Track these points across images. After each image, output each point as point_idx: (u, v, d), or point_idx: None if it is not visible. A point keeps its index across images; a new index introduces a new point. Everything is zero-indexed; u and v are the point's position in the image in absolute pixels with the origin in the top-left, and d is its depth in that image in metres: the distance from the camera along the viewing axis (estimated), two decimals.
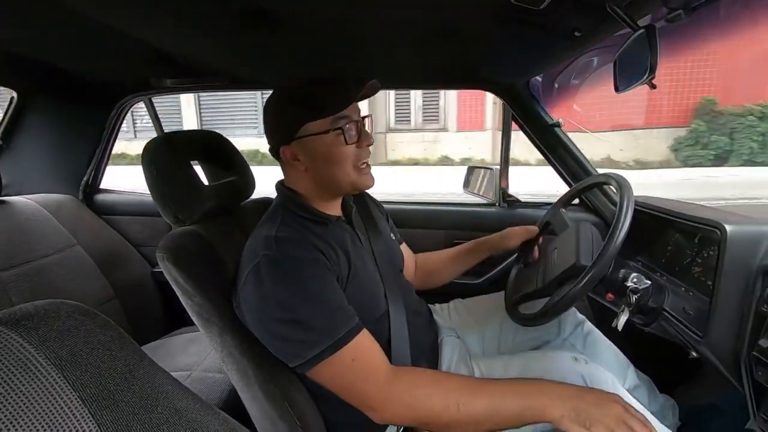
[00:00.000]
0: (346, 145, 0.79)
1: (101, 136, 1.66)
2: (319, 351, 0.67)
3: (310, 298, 0.70)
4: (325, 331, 0.68)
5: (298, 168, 0.83)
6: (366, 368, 0.70)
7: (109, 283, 1.45)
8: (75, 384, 0.34)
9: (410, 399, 0.69)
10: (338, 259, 0.78)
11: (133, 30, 0.92)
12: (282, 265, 0.71)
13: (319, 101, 0.79)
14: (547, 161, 1.46)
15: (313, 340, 0.68)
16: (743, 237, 0.80)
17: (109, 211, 1.70)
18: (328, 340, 0.68)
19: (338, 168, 0.81)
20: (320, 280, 0.72)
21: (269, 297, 0.69)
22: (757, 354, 0.75)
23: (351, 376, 0.70)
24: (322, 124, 0.78)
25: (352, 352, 0.69)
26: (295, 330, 0.69)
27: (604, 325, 1.17)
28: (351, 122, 0.80)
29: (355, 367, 0.69)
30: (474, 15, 0.83)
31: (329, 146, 0.79)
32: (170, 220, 0.89)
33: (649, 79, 0.75)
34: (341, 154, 0.80)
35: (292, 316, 0.69)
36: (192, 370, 1.23)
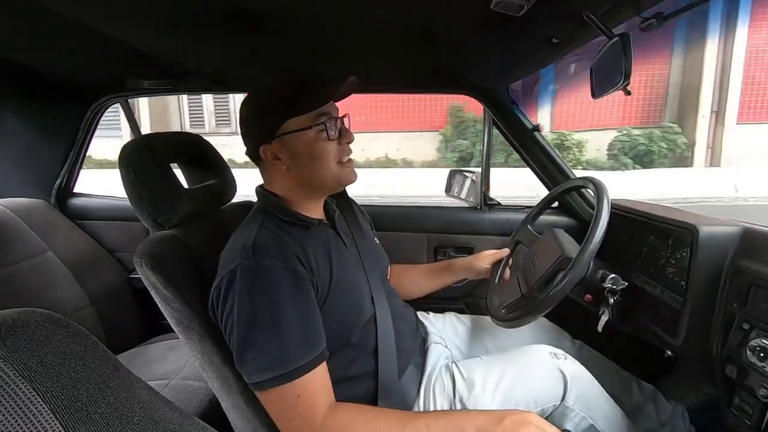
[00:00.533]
0: (329, 141, 0.79)
1: (75, 138, 1.61)
2: (265, 379, 0.66)
3: (273, 321, 0.68)
4: (279, 360, 0.67)
5: (279, 168, 0.82)
6: (308, 408, 0.69)
7: (84, 290, 1.40)
8: (45, 396, 0.33)
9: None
10: (319, 266, 0.77)
11: (108, 29, 0.90)
12: (255, 279, 0.69)
13: (300, 97, 0.79)
14: (526, 164, 1.48)
15: (265, 366, 0.67)
16: (714, 238, 0.83)
17: (83, 216, 1.65)
18: (278, 370, 0.66)
19: (321, 164, 0.80)
20: (291, 298, 0.70)
21: (235, 308, 0.68)
22: (727, 351, 0.78)
23: (291, 413, 0.68)
24: (304, 120, 0.78)
25: (299, 388, 0.68)
26: (251, 350, 0.67)
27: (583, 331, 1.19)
28: (332, 119, 0.80)
29: (298, 404, 0.68)
30: (454, 20, 0.84)
31: (312, 142, 0.79)
32: (148, 224, 0.87)
33: (624, 85, 0.77)
34: (324, 150, 0.80)
35: (252, 335, 0.67)
36: (170, 379, 1.20)
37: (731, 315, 0.78)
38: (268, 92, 0.82)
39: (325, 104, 0.80)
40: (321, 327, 0.73)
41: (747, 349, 0.72)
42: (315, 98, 0.79)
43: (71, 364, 0.36)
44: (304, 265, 0.74)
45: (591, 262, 0.85)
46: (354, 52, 1.11)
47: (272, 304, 0.68)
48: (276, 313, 0.68)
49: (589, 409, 0.86)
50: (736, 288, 0.77)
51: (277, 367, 0.66)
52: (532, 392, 0.86)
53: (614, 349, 1.16)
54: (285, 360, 0.67)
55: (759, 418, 0.73)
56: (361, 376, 0.83)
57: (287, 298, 0.70)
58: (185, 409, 0.50)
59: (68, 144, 1.61)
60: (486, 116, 1.49)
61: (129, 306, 1.56)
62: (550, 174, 1.44)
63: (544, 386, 0.86)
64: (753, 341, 0.71)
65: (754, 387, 0.72)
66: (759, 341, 0.70)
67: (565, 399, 0.85)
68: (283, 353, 0.67)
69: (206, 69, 1.30)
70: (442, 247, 1.56)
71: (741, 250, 0.80)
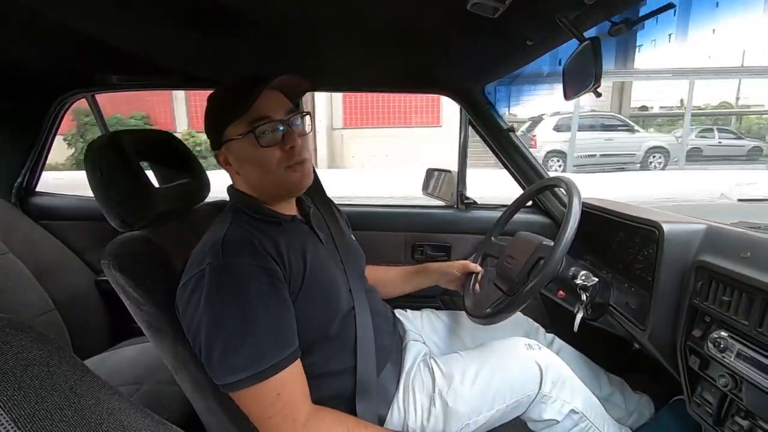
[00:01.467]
0: (266, 147, 0.75)
1: (38, 135, 1.54)
2: (238, 379, 0.65)
3: (245, 320, 0.67)
4: (251, 359, 0.66)
5: (233, 172, 0.82)
6: (289, 405, 0.68)
7: (47, 293, 1.34)
8: (6, 404, 0.31)
9: None
10: (290, 261, 0.76)
11: (74, 22, 0.86)
12: (224, 278, 0.68)
13: (228, 104, 0.77)
14: (501, 164, 1.51)
15: (236, 366, 0.65)
16: (678, 235, 0.87)
17: (46, 216, 1.58)
18: (251, 370, 0.65)
19: (264, 170, 0.78)
20: (262, 297, 0.69)
21: (204, 311, 0.67)
22: (690, 343, 0.81)
23: (271, 410, 0.67)
24: (239, 127, 0.76)
25: (278, 385, 0.67)
26: (222, 352, 0.66)
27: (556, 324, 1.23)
28: (270, 122, 0.75)
29: (278, 401, 0.67)
30: (431, 20, 0.85)
31: (251, 148, 0.76)
32: (116, 224, 0.84)
33: (595, 87, 0.79)
34: (263, 157, 0.76)
35: (222, 336, 0.66)
36: (141, 384, 1.16)
37: (694, 309, 0.82)
38: (210, 100, 0.81)
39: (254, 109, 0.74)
40: (293, 326, 0.73)
41: (708, 341, 0.76)
42: (240, 104, 0.75)
43: (34, 370, 0.34)
44: (276, 261, 0.73)
45: (566, 252, 0.88)
46: (330, 51, 1.10)
47: (242, 303, 0.67)
48: (247, 312, 0.67)
49: (566, 393, 0.89)
50: (698, 283, 0.81)
51: (252, 366, 0.65)
52: (510, 383, 0.88)
53: (585, 343, 1.20)
54: (260, 358, 0.66)
55: (719, 406, 0.76)
56: (341, 371, 0.83)
57: (258, 297, 0.69)
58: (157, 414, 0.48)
59: (30, 141, 1.54)
60: (462, 116, 1.51)
61: (96, 309, 1.50)
62: (524, 173, 1.47)
63: (521, 376, 0.88)
64: (713, 333, 0.75)
65: (714, 377, 0.75)
66: (719, 333, 0.74)
67: (542, 387, 0.87)
68: (257, 351, 0.66)
69: (179, 65, 1.26)
70: (420, 245, 1.57)
71: (703, 246, 0.84)
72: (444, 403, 0.86)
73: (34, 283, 1.31)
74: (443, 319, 1.20)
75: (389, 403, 0.88)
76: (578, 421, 0.89)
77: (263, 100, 0.75)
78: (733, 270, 0.73)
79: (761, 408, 0.68)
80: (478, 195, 1.59)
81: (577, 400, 0.90)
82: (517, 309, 0.91)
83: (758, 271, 0.70)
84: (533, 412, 0.89)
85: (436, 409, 0.86)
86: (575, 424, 0.89)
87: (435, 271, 1.19)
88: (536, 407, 0.89)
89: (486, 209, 1.58)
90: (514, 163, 1.47)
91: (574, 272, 0.98)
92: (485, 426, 0.88)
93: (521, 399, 0.88)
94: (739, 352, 0.70)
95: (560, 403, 0.88)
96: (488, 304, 1.00)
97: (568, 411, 0.88)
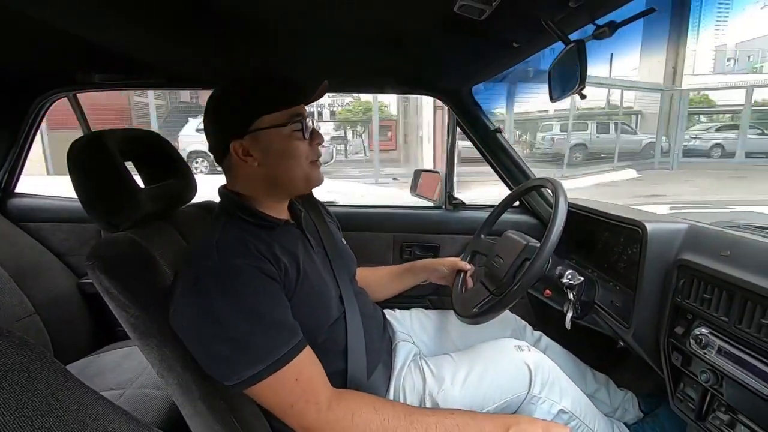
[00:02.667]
0: (302, 140, 0.79)
1: (17, 135, 1.50)
2: (256, 371, 0.64)
3: (249, 314, 0.66)
4: (265, 350, 0.65)
5: (250, 164, 0.79)
6: (308, 389, 0.68)
7: (28, 297, 1.30)
8: None
9: (349, 424, 0.68)
10: (285, 265, 0.76)
11: (55, 19, 0.84)
12: (221, 277, 0.67)
13: (277, 94, 0.78)
14: (489, 165, 1.53)
15: (251, 360, 0.65)
16: (661, 234, 0.89)
17: (26, 218, 1.54)
18: (267, 360, 0.65)
19: (294, 162, 0.79)
20: (261, 293, 0.69)
21: (205, 312, 0.65)
22: (673, 340, 0.83)
23: (292, 397, 0.67)
24: (280, 116, 0.77)
25: (295, 371, 0.67)
26: (233, 349, 0.65)
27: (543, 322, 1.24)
28: (305, 118, 0.80)
29: (297, 388, 0.67)
30: (419, 22, 0.85)
31: (286, 140, 0.78)
32: (101, 225, 0.82)
33: (580, 89, 0.81)
34: (297, 149, 0.79)
35: (229, 334, 0.65)
36: (126, 388, 1.14)
37: (677, 306, 0.83)
38: (242, 86, 0.79)
39: (301, 103, 0.80)
40: (293, 318, 0.73)
41: (690, 338, 0.78)
42: (293, 96, 0.79)
43: (14, 376, 0.33)
44: (271, 263, 0.73)
45: (553, 251, 0.89)
46: (317, 52, 1.10)
47: (244, 300, 0.67)
48: (250, 308, 0.67)
49: (555, 394, 0.90)
50: (680, 281, 0.83)
51: (267, 357, 0.65)
52: (499, 384, 0.89)
53: (571, 340, 1.21)
54: (273, 348, 0.66)
55: (701, 401, 0.78)
56: (330, 375, 0.82)
57: (258, 293, 0.68)
58: (142, 419, 0.48)
59: (9, 142, 1.50)
60: (450, 117, 1.52)
61: (79, 313, 1.47)
62: (511, 174, 1.49)
63: (511, 378, 0.89)
64: (695, 330, 0.77)
65: (696, 373, 0.77)
66: (700, 330, 0.76)
67: (531, 388, 0.88)
68: (269, 342, 0.66)
69: (164, 63, 1.24)
70: (408, 246, 1.58)
71: (685, 245, 0.86)
72: (434, 404, 0.86)
73: (13, 287, 1.28)
74: (432, 318, 1.20)
75: None
76: (568, 421, 0.90)
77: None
78: (714, 268, 0.75)
79: (741, 402, 0.69)
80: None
81: (566, 399, 0.91)
82: (504, 309, 0.92)
83: (738, 269, 0.72)
84: (523, 412, 0.90)
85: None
86: (565, 424, 0.90)
87: (423, 268, 1.19)
88: (526, 408, 0.89)
89: (474, 209, 1.60)
90: (501, 163, 1.49)
91: (560, 271, 0.99)
92: None
93: (511, 400, 0.88)
94: (720, 348, 0.72)
95: (549, 403, 0.89)
96: (475, 303, 1.00)
97: (558, 411, 0.89)
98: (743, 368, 0.67)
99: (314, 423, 0.67)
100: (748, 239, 0.78)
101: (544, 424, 0.74)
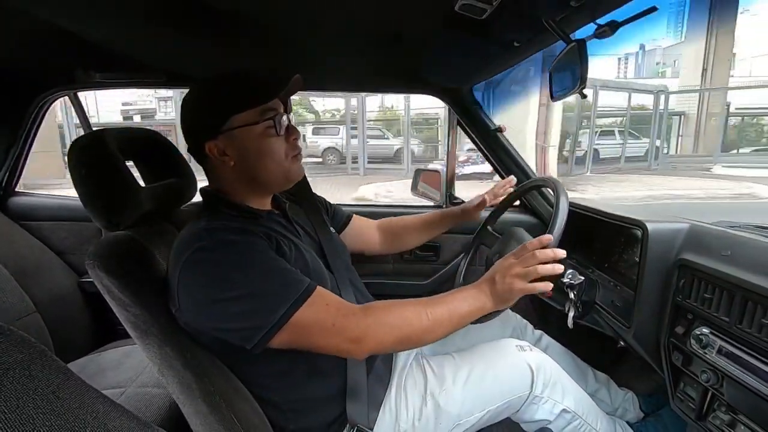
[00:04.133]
0: (277, 136, 0.78)
1: (18, 134, 1.50)
2: (288, 306, 0.66)
3: (257, 268, 0.68)
4: (288, 288, 0.68)
5: (226, 163, 0.79)
6: (342, 307, 0.72)
7: (29, 295, 1.30)
8: None
9: (390, 319, 0.73)
10: (277, 242, 0.77)
11: (55, 17, 0.84)
12: (219, 250, 0.68)
13: (247, 92, 0.77)
14: (489, 164, 1.53)
15: (276, 303, 0.66)
16: (662, 234, 0.89)
17: (27, 217, 1.54)
18: (294, 295, 0.67)
19: (270, 159, 0.79)
20: (262, 253, 0.71)
21: (212, 282, 0.66)
22: (673, 340, 0.83)
23: (330, 318, 0.69)
24: (251, 115, 0.76)
25: (324, 298, 0.71)
26: (253, 301, 0.66)
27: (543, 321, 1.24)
28: (278, 114, 0.79)
29: (331, 308, 0.70)
30: (419, 21, 0.85)
31: (259, 137, 0.77)
32: (102, 224, 0.82)
33: (580, 88, 0.81)
34: (272, 146, 0.79)
35: (243, 291, 0.66)
36: (126, 387, 1.14)
37: (677, 306, 0.83)
38: (212, 86, 0.80)
39: (272, 100, 0.78)
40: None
41: (691, 338, 0.78)
42: (262, 93, 0.78)
43: (15, 374, 0.34)
44: (262, 238, 0.74)
45: None
46: (317, 51, 1.10)
47: (246, 260, 0.68)
48: (254, 263, 0.69)
49: (557, 393, 0.90)
50: (681, 281, 0.83)
51: (292, 293, 0.68)
52: (501, 384, 0.89)
53: (571, 340, 1.21)
54: (295, 284, 0.69)
55: (701, 401, 0.78)
56: (330, 371, 0.82)
57: (258, 253, 0.70)
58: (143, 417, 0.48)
59: (9, 141, 1.50)
60: (450, 116, 1.52)
61: (80, 312, 1.47)
62: (512, 173, 1.48)
63: (512, 377, 0.89)
64: (696, 330, 0.77)
65: (696, 373, 0.77)
66: (701, 330, 0.76)
67: (533, 388, 0.88)
68: (290, 281, 0.69)
69: (163, 63, 1.24)
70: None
71: (686, 245, 0.86)
72: (436, 404, 0.86)
73: (13, 285, 1.28)
74: None
75: (380, 403, 0.88)
76: (570, 420, 0.90)
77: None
78: (715, 268, 0.75)
79: (742, 402, 0.69)
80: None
81: (569, 399, 0.91)
82: (505, 308, 0.92)
83: (738, 269, 0.72)
84: (525, 412, 0.90)
85: (427, 409, 0.86)
86: (568, 423, 0.91)
87: (450, 214, 1.26)
88: (528, 408, 0.90)
89: None
90: (501, 163, 1.49)
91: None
92: (476, 426, 0.88)
93: (513, 400, 0.88)
94: (721, 348, 0.72)
95: (551, 403, 0.89)
96: None
97: (560, 411, 0.89)
98: (744, 368, 0.67)
99: (358, 330, 0.70)
100: (748, 239, 0.78)
101: (516, 265, 0.78)
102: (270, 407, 0.78)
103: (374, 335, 0.71)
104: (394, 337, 0.73)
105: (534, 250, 0.78)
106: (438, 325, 0.75)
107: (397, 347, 0.78)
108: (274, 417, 0.79)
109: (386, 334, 0.72)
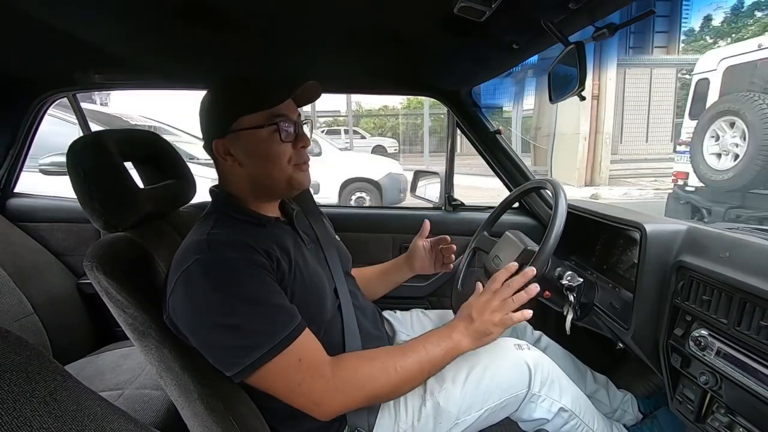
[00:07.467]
0: (282, 142, 0.78)
1: (16, 135, 1.50)
2: (260, 355, 0.65)
3: (247, 300, 0.67)
4: (267, 333, 0.67)
5: (232, 164, 0.80)
6: (312, 365, 0.70)
7: (27, 297, 1.30)
8: None
9: (356, 380, 0.72)
10: (276, 258, 0.76)
11: (53, 18, 0.84)
12: (215, 268, 0.68)
13: (255, 94, 0.78)
14: (488, 166, 1.53)
15: (253, 345, 0.66)
16: (660, 236, 0.89)
17: (25, 218, 1.53)
18: (270, 343, 0.66)
19: (273, 165, 0.80)
20: (257, 281, 0.70)
21: (203, 303, 0.66)
22: (672, 342, 0.83)
23: (298, 376, 0.68)
24: (258, 118, 0.77)
25: (298, 351, 0.69)
26: (234, 336, 0.66)
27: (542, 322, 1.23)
28: (288, 121, 0.79)
29: (302, 366, 0.69)
30: (419, 23, 0.85)
31: (264, 142, 0.78)
32: (100, 225, 0.82)
33: (579, 90, 0.81)
34: (276, 151, 0.79)
35: (228, 321, 0.66)
36: (124, 389, 1.14)
37: (676, 308, 0.83)
38: (224, 87, 0.81)
39: (279, 104, 0.78)
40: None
41: (690, 340, 0.78)
42: (270, 97, 0.78)
43: (12, 376, 0.33)
44: (263, 256, 0.73)
45: (552, 253, 0.89)
46: (317, 52, 1.10)
47: (241, 289, 0.67)
48: (245, 294, 0.67)
49: (554, 392, 0.90)
50: (679, 283, 0.83)
51: (268, 341, 0.66)
52: (500, 383, 0.89)
53: (570, 341, 1.21)
54: (275, 331, 0.67)
55: (700, 403, 0.78)
56: None
57: (254, 281, 0.69)
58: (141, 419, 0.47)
59: (8, 141, 1.50)
60: (449, 118, 1.52)
61: (78, 313, 1.47)
62: (510, 175, 1.49)
63: (511, 376, 0.89)
64: (694, 332, 0.77)
65: (695, 374, 0.77)
66: (699, 332, 0.76)
67: (531, 387, 0.88)
68: (270, 325, 0.67)
69: (162, 65, 1.24)
70: (407, 247, 1.57)
71: (684, 247, 0.86)
72: (435, 404, 0.86)
73: (11, 287, 1.28)
74: (432, 318, 1.21)
75: (379, 406, 0.87)
76: (568, 419, 0.90)
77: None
78: (713, 270, 0.75)
79: (741, 404, 0.69)
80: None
81: (566, 398, 0.91)
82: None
83: (737, 270, 0.72)
84: (523, 411, 0.90)
85: (427, 409, 0.86)
86: (565, 422, 0.91)
87: (401, 261, 1.20)
88: (526, 407, 0.90)
89: (473, 211, 1.60)
90: (500, 165, 1.49)
91: (559, 273, 0.99)
92: (475, 425, 0.88)
93: (511, 399, 0.88)
94: (719, 350, 0.72)
95: (549, 402, 0.89)
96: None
97: (558, 409, 0.89)
98: (742, 370, 0.67)
99: (323, 394, 0.70)
100: (747, 241, 0.78)
101: (489, 301, 0.80)
102: (269, 413, 0.78)
103: (340, 399, 0.71)
104: (361, 398, 0.73)
105: (505, 281, 0.79)
106: (408, 379, 0.76)
107: (364, 405, 0.76)
108: (272, 421, 0.79)
109: (352, 396, 0.72)
